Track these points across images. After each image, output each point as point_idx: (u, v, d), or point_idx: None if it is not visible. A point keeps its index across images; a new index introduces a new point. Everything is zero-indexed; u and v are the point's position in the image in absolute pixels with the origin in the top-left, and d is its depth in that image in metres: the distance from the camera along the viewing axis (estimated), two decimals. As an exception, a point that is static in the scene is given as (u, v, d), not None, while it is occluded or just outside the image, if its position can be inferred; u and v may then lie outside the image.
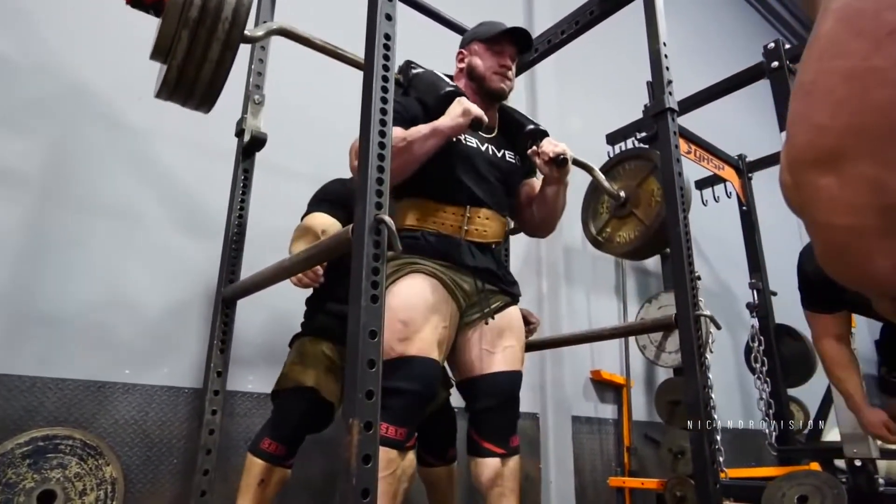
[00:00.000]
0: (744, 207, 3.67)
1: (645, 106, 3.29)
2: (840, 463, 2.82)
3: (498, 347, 1.64)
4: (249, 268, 1.84)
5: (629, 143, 3.43)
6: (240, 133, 1.94)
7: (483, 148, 1.70)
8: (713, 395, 3.36)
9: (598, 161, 3.59)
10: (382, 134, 1.22)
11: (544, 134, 1.75)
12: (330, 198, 2.02)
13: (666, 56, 1.98)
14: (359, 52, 1.43)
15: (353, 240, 1.17)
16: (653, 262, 3.98)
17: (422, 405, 1.47)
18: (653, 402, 3.68)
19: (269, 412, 2.33)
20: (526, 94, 3.52)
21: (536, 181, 1.85)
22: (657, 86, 1.96)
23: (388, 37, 1.29)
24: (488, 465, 1.58)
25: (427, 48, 2.26)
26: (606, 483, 3.23)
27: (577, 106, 3.74)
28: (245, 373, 2.34)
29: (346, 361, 1.87)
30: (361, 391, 1.06)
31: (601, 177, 2.14)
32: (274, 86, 2.05)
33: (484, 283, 1.64)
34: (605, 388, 3.45)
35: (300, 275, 1.72)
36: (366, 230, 1.14)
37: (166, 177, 2.33)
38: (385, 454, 1.37)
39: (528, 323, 1.97)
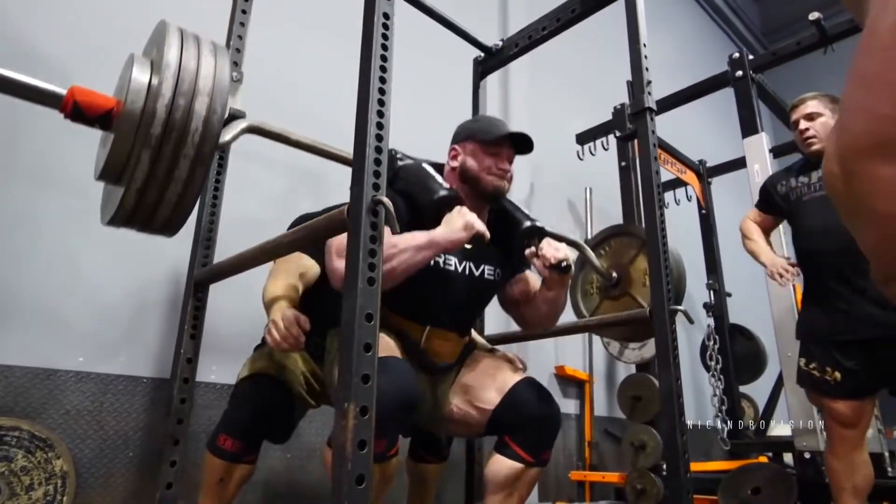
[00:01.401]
0: (703, 211, 3.80)
1: (615, 107, 3.36)
2: (787, 457, 2.97)
3: (486, 382, 1.60)
4: (215, 255, 1.78)
5: (598, 144, 3.50)
6: (215, 112, 1.87)
7: (461, 269, 1.60)
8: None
9: (568, 157, 3.71)
10: (381, 115, 1.20)
11: (542, 232, 1.63)
12: None
13: (646, 57, 2.02)
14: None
15: (348, 221, 1.14)
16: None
17: (403, 410, 1.30)
18: (613, 398, 3.77)
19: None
20: (500, 91, 3.54)
21: (531, 275, 1.75)
22: (637, 86, 2.00)
23: (387, 16, 1.26)
24: (506, 465, 1.52)
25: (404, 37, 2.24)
26: (568, 477, 3.28)
27: (548, 106, 3.78)
28: (209, 362, 2.25)
29: (312, 371, 1.85)
30: (357, 375, 1.04)
31: (592, 257, 2.09)
32: (249, 66, 1.98)
33: (441, 375, 1.62)
34: (568, 383, 3.51)
35: (278, 335, 1.51)
36: (363, 211, 1.12)
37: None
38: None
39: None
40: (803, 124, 2.13)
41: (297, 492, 2.37)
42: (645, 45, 2.03)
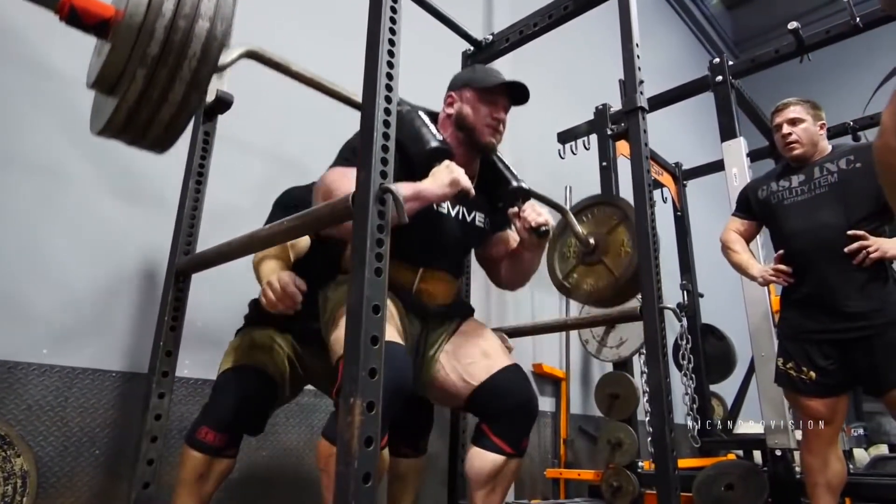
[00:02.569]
0: (678, 213, 3.87)
1: (597, 107, 3.39)
2: (756, 454, 3.04)
3: (475, 355, 1.59)
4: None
5: (580, 143, 3.52)
6: (201, 94, 1.79)
7: (454, 212, 1.63)
8: (648, 389, 3.52)
9: (549, 156, 3.72)
10: (388, 100, 1.16)
11: (527, 194, 1.67)
12: (301, 206, 1.83)
13: (638, 56, 2.02)
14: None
15: (353, 210, 1.10)
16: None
17: (397, 396, 1.29)
18: (587, 396, 3.81)
19: (203, 399, 2.17)
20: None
21: (511, 234, 1.79)
22: (629, 85, 2.00)
23: (394, 9, 1.22)
24: (489, 460, 1.52)
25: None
26: (543, 474, 3.29)
27: (530, 103, 3.76)
28: (181, 356, 2.16)
29: (300, 357, 1.83)
30: (364, 369, 1.00)
31: (574, 221, 2.13)
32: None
33: (427, 326, 1.62)
34: (545, 381, 3.52)
35: (274, 296, 1.53)
36: (370, 200, 1.07)
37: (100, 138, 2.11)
38: None
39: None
40: (786, 128, 2.17)
41: (273, 490, 2.30)
42: (637, 44, 2.04)
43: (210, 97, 1.75)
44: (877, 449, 3.81)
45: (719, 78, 2.98)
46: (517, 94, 1.67)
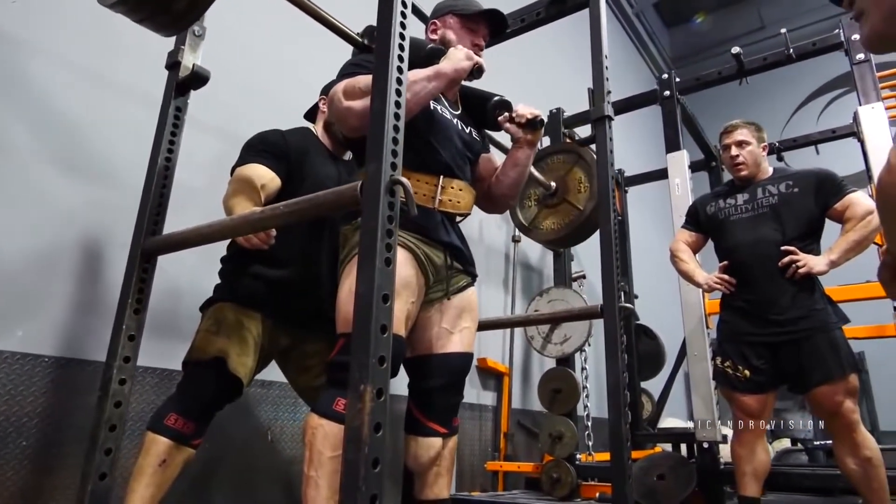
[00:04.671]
0: (618, 217, 4.05)
1: (550, 111, 3.50)
2: (683, 447, 3.26)
3: (456, 328, 1.63)
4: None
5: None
6: (173, 66, 1.71)
7: (455, 121, 1.69)
8: (588, 386, 3.69)
9: (502, 157, 3.78)
10: (399, 81, 1.17)
11: (509, 103, 1.76)
12: (271, 149, 1.86)
13: (607, 67, 2.13)
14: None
15: (362, 199, 1.10)
16: (537, 260, 4.25)
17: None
18: (527, 392, 3.94)
19: (157, 388, 2.07)
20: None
21: (493, 156, 1.89)
22: (598, 94, 2.10)
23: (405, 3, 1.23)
24: (431, 445, 1.57)
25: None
26: (483, 467, 3.38)
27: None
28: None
29: (270, 338, 1.82)
30: (374, 357, 1.01)
31: (534, 170, 2.26)
32: (231, 52, 1.85)
33: (453, 260, 1.62)
34: (489, 375, 3.61)
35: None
36: (381, 191, 1.08)
37: (45, 105, 1.97)
38: (342, 431, 1.29)
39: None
40: (734, 150, 2.36)
41: (216, 483, 2.24)
42: (607, 56, 2.14)
43: (185, 71, 1.68)
44: (780, 443, 4.19)
45: (667, 93, 3.17)
46: (496, 23, 1.78)
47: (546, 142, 3.57)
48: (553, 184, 2.31)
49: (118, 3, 1.04)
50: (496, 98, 1.75)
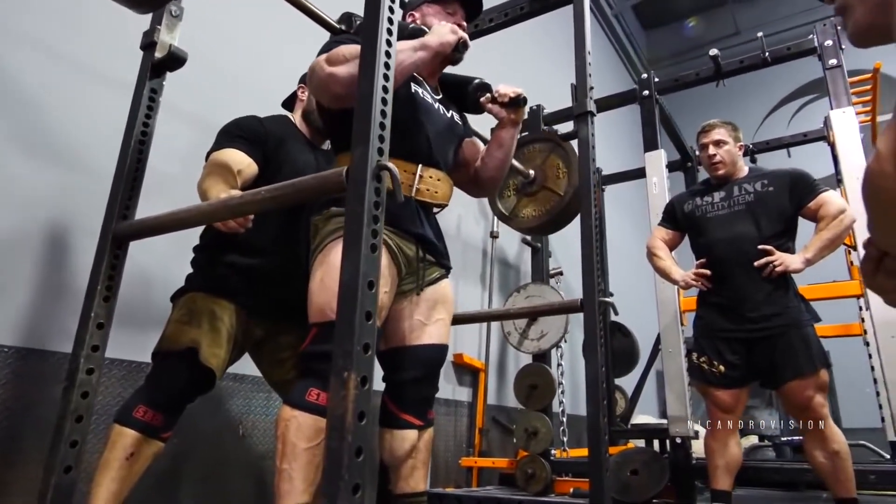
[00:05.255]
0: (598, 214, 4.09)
1: (530, 108, 3.51)
2: (655, 443, 3.30)
3: (430, 319, 1.62)
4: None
5: (512, 142, 3.62)
6: (148, 46, 1.66)
7: (436, 105, 1.67)
8: (563, 382, 3.71)
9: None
10: (386, 78, 1.15)
11: (489, 86, 1.76)
12: (247, 135, 1.82)
13: (590, 63, 2.13)
14: None
15: (348, 185, 1.08)
16: (514, 256, 4.26)
17: None
18: (502, 388, 3.94)
19: (125, 381, 2.00)
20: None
21: (477, 140, 1.88)
22: (581, 90, 2.10)
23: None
24: (406, 438, 1.56)
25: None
26: (457, 463, 3.37)
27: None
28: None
29: (243, 329, 1.78)
30: (359, 344, 0.99)
31: (513, 160, 2.26)
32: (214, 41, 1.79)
33: (425, 253, 1.60)
34: (465, 371, 3.60)
35: None
36: (368, 176, 1.06)
37: (9, 85, 1.88)
38: (315, 422, 1.28)
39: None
40: (712, 150, 2.39)
41: (184, 478, 2.19)
42: (590, 52, 2.14)
43: (162, 51, 1.62)
44: (747, 440, 4.28)
45: (646, 92, 3.20)
46: (473, 7, 1.79)
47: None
48: (531, 172, 2.33)
49: None
50: (476, 81, 1.76)
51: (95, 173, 1.95)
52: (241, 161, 1.73)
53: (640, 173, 4.44)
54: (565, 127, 3.66)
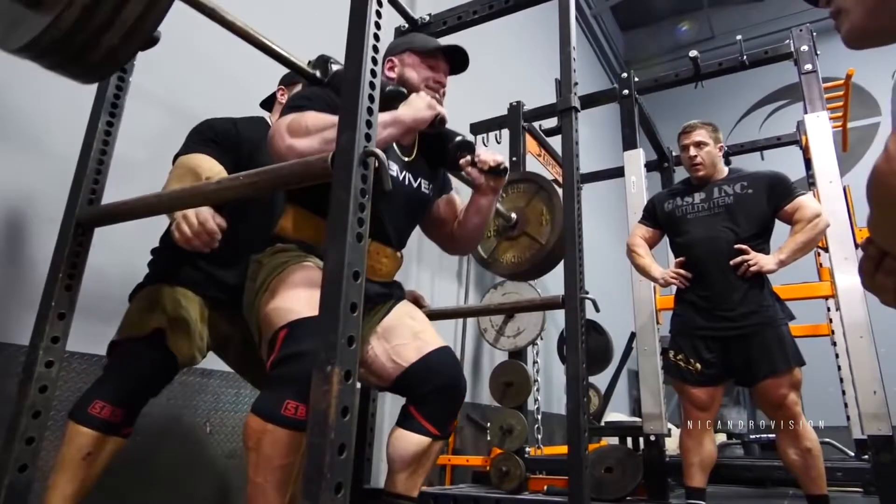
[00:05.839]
0: (573, 214, 4.10)
1: (510, 104, 3.50)
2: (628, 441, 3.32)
3: (413, 335, 1.55)
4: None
5: (492, 136, 3.61)
6: (119, 25, 1.57)
7: (401, 177, 1.57)
8: (539, 380, 3.71)
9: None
10: (375, 61, 1.10)
11: (472, 145, 1.63)
12: (220, 139, 1.71)
13: (574, 59, 2.12)
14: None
15: (334, 171, 1.03)
16: (491, 254, 4.24)
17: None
18: (476, 385, 3.92)
19: (85, 375, 1.91)
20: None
21: (455, 196, 1.79)
22: (565, 86, 2.08)
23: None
24: (416, 442, 1.48)
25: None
26: (432, 460, 3.33)
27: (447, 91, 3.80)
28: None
29: (210, 323, 1.68)
30: (343, 337, 0.94)
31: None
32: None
33: (371, 303, 1.55)
34: (439, 368, 3.56)
35: (190, 231, 1.37)
36: (354, 162, 1.01)
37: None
38: (292, 438, 1.16)
39: (420, 305, 1.91)
40: (693, 151, 2.40)
41: (149, 478, 2.10)
42: (574, 47, 2.13)
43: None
44: (716, 438, 4.35)
45: (626, 91, 3.21)
46: (457, 59, 1.67)
47: (505, 134, 3.56)
48: (513, 215, 2.23)
49: (22, 49, 0.91)
50: (458, 139, 1.61)
51: (56, 157, 1.85)
52: (211, 168, 1.62)
53: (613, 173, 4.49)
54: (547, 123, 3.66)
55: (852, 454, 3.38)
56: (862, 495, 2.99)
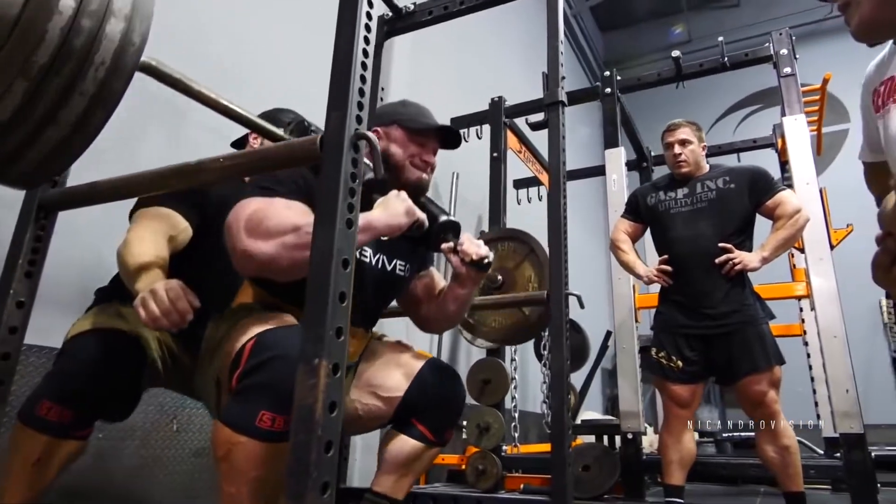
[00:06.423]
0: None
1: (492, 99, 3.47)
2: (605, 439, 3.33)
3: (390, 369, 1.49)
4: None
5: (472, 132, 3.57)
6: None
7: (374, 261, 1.50)
8: (516, 377, 3.68)
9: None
10: (367, 40, 1.05)
11: (458, 227, 1.52)
12: (186, 193, 1.58)
13: (562, 53, 2.10)
14: None
15: (323, 153, 0.98)
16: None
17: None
18: (453, 382, 3.87)
19: (39, 369, 1.80)
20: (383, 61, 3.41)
21: (434, 273, 1.72)
22: (552, 80, 2.07)
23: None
24: (411, 446, 1.44)
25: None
26: (406, 457, 3.28)
27: (426, 87, 3.75)
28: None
29: (170, 349, 1.55)
30: (331, 328, 0.89)
31: None
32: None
33: None
34: (416, 365, 3.51)
35: (158, 309, 1.22)
36: (345, 145, 0.96)
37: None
38: (268, 450, 1.08)
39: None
40: (677, 149, 2.41)
41: (143, 468, 2.01)
42: (562, 41, 2.11)
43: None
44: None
45: (608, 90, 3.21)
46: (449, 138, 1.57)
47: (486, 131, 3.52)
48: (500, 277, 2.13)
49: None
50: (443, 219, 1.47)
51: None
52: (175, 225, 1.51)
53: (592, 171, 4.50)
54: (521, 122, 3.64)
55: (821, 452, 3.45)
56: (830, 492, 3.06)
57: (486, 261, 1.49)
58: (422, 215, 1.34)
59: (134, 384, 1.49)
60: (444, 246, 1.49)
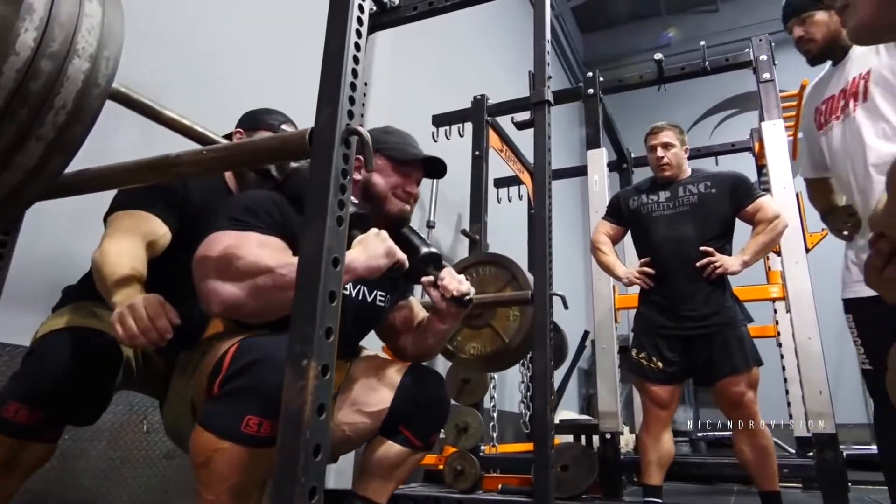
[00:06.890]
0: (532, 210, 4.11)
1: (474, 97, 3.45)
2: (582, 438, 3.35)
3: (372, 384, 1.46)
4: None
5: (454, 130, 3.55)
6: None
7: (354, 292, 1.46)
8: (495, 377, 3.68)
9: (420, 137, 3.65)
10: (359, 34, 1.02)
11: (440, 260, 1.50)
12: (166, 196, 1.50)
13: (549, 52, 2.09)
14: None
15: (312, 149, 0.95)
16: (449, 248, 4.19)
17: None
18: (432, 381, 3.86)
19: (2, 368, 1.74)
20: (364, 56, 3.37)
21: (414, 303, 1.68)
22: (539, 79, 2.05)
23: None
24: (396, 452, 1.42)
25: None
26: (385, 457, 3.25)
27: (408, 83, 3.72)
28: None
29: (143, 353, 1.50)
30: (321, 328, 0.87)
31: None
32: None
33: None
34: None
35: (137, 326, 1.17)
36: (336, 140, 0.93)
37: None
38: (253, 455, 1.05)
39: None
40: (660, 152, 2.43)
41: (112, 470, 1.95)
42: (549, 40, 2.10)
43: None
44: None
45: (591, 91, 3.22)
46: (434, 169, 1.54)
47: (468, 129, 3.51)
48: (481, 311, 2.08)
49: None
50: (424, 251, 1.44)
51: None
52: (153, 231, 1.44)
53: (571, 172, 4.52)
54: (505, 121, 3.63)
55: (793, 451, 3.53)
56: (802, 491, 3.13)
57: (466, 297, 1.46)
58: (402, 256, 1.29)
59: (108, 385, 1.42)
60: (424, 279, 1.46)
